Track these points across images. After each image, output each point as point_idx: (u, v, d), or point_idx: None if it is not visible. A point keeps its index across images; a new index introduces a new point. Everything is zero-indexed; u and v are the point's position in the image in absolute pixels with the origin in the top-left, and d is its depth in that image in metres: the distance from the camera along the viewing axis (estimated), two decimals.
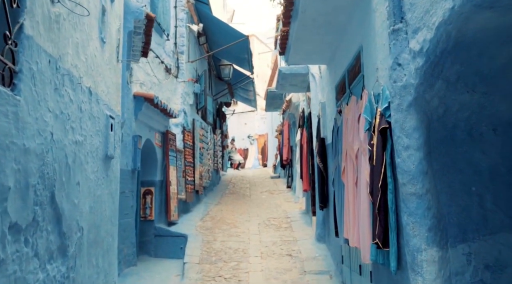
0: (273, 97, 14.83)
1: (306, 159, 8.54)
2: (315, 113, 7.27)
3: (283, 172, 16.86)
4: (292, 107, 10.86)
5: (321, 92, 6.81)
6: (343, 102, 5.06)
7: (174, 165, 8.15)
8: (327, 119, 6.35)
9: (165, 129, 7.99)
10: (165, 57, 8.29)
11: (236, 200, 11.43)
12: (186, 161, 9.03)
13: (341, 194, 4.95)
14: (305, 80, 7.87)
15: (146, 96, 6.54)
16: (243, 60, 12.01)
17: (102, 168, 3.57)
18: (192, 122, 9.80)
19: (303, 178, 8.80)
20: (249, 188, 14.00)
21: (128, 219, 6.30)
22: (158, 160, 7.71)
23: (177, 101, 9.02)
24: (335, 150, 5.21)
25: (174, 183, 8.08)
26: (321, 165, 6.54)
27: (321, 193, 6.57)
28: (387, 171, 3.27)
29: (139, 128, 6.74)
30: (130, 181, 6.32)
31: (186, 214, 8.88)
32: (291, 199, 11.51)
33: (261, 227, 8.40)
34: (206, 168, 11.04)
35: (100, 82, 3.51)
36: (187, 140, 9.20)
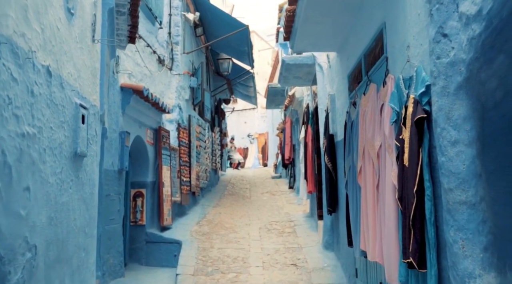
0: (274, 94, 14.18)
1: (311, 158, 7.87)
2: (322, 107, 6.60)
3: (284, 172, 16.19)
4: (295, 103, 10.19)
5: (329, 84, 6.14)
6: (358, 92, 4.39)
7: (167, 165, 7.48)
8: (336, 114, 5.68)
9: (158, 126, 7.32)
10: (157, 47, 7.61)
11: (236, 202, 10.76)
12: (181, 161, 8.36)
13: (356, 198, 4.28)
14: (310, 71, 7.20)
15: (134, 88, 5.86)
16: (243, 53, 11.33)
17: (70, 168, 2.90)
18: (188, 119, 9.13)
19: (308, 179, 8.13)
20: (249, 189, 13.33)
21: (114, 225, 5.63)
22: (150, 159, 7.03)
23: (172, 95, 8.35)
24: (349, 148, 4.54)
25: (167, 184, 7.41)
26: (330, 165, 5.87)
27: (329, 196, 5.90)
28: (424, 172, 2.60)
29: (128, 123, 6.07)
30: (116, 183, 5.66)
31: (181, 217, 8.21)
32: (294, 200, 10.84)
33: (262, 232, 7.74)
34: (203, 168, 10.36)
35: (67, 63, 2.83)
36: (182, 137, 8.52)
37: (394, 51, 3.29)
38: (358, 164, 4.09)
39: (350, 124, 4.50)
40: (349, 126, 4.55)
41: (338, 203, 5.82)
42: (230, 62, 12.17)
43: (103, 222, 5.21)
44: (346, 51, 5.00)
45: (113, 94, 5.54)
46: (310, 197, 8.82)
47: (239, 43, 10.47)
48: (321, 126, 6.64)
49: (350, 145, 4.49)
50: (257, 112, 28.13)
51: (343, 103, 5.28)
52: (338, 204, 5.80)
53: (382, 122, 3.39)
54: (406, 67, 2.96)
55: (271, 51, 32.79)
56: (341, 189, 5.58)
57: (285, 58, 6.87)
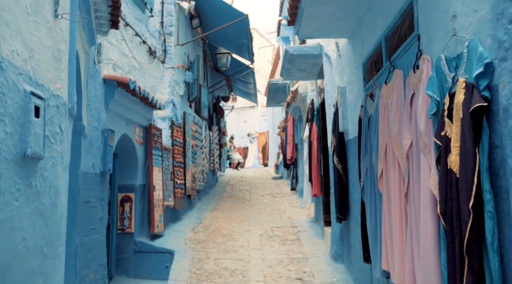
0: (275, 90, 13.51)
1: (317, 158, 7.21)
2: (330, 102, 5.94)
3: (286, 172, 15.53)
4: (298, 99, 9.52)
5: (338, 76, 5.47)
6: (376, 82, 3.73)
7: (159, 166, 6.82)
8: (348, 108, 5.01)
9: (148, 123, 6.65)
10: (148, 37, 6.94)
11: (235, 205, 10.09)
12: (175, 161, 7.69)
13: (375, 207, 3.61)
14: (316, 63, 6.53)
15: (119, 80, 5.20)
16: (242, 47, 10.67)
17: (14, 174, 2.24)
18: (183, 116, 8.46)
19: (313, 181, 7.47)
20: (249, 190, 12.67)
21: (96, 235, 4.96)
22: (139, 160, 6.37)
23: (164, 90, 7.68)
24: (365, 148, 3.88)
25: (159, 187, 6.75)
26: (340, 166, 5.20)
27: (339, 201, 5.23)
28: (483, 181, 1.93)
29: (112, 120, 5.40)
30: (98, 187, 4.99)
31: (175, 223, 7.55)
32: (297, 203, 10.17)
33: (263, 240, 7.07)
34: (200, 169, 9.70)
35: (9, 38, 2.17)
36: (176, 136, 7.86)
37: (430, 25, 2.61)
38: (378, 166, 3.43)
39: (367, 120, 3.83)
40: (365, 122, 3.88)
41: (349, 210, 5.16)
42: (228, 57, 11.49)
43: (82, 232, 4.54)
44: (360, 35, 4.33)
45: (94, 87, 4.88)
46: (315, 200, 8.16)
47: (238, 35, 9.81)
48: (329, 123, 5.98)
49: (367, 144, 3.82)
50: (257, 110, 27.49)
51: (356, 96, 4.61)
52: (349, 211, 5.13)
53: (414, 115, 2.72)
54: (451, 44, 2.30)
55: (271, 48, 32.24)
56: (353, 194, 4.92)
57: (289, 48, 6.20)
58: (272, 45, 31.35)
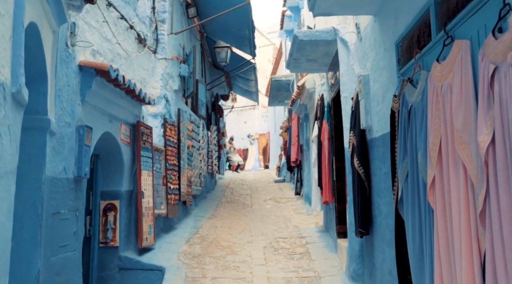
0: (278, 88, 12.70)
1: (328, 160, 6.37)
2: (347, 95, 5.10)
3: (289, 175, 14.68)
4: (305, 96, 8.68)
5: (359, 63, 4.63)
6: (420, 62, 2.89)
7: (149, 169, 5.97)
8: (372, 101, 4.17)
9: (136, 120, 5.80)
10: (137, 22, 6.10)
11: (235, 212, 9.23)
12: (168, 164, 6.84)
13: (422, 226, 2.76)
14: (329, 51, 5.69)
15: (98, 68, 4.35)
16: (243, 39, 9.83)
17: None
18: (177, 113, 7.61)
19: (323, 187, 6.63)
20: (250, 195, 11.81)
21: (68, 253, 4.10)
22: (125, 162, 5.52)
23: (156, 84, 6.84)
24: (404, 147, 3.03)
25: (149, 193, 5.90)
26: (361, 170, 4.36)
27: (360, 212, 4.38)
28: None
29: (91, 115, 4.56)
30: (71, 195, 4.14)
31: (167, 234, 6.69)
32: (302, 210, 9.32)
33: (268, 253, 6.22)
34: (197, 171, 8.84)
35: None
36: (169, 135, 7.01)
37: None
38: (428, 172, 2.58)
39: (406, 112, 2.99)
40: (403, 115, 3.04)
41: (372, 223, 4.31)
42: (228, 51, 10.65)
43: (48, 252, 3.70)
44: (392, 8, 3.49)
45: (67, 74, 4.04)
46: (325, 207, 7.32)
47: (238, 26, 8.98)
48: (345, 120, 5.14)
49: (407, 143, 2.98)
50: (258, 109, 26.67)
51: (384, 85, 3.77)
52: (373, 225, 4.29)
53: (500, 99, 1.88)
54: None
55: (272, 47, 31.54)
56: (378, 205, 4.08)
57: (298, 33, 5.35)
58: (273, 44, 30.68)
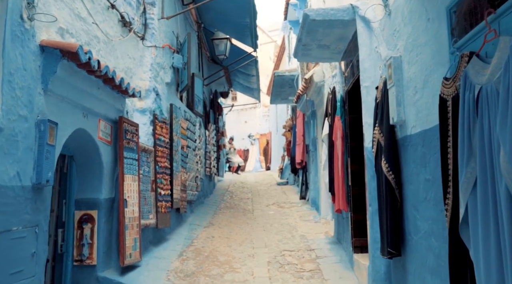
0: (281, 84, 11.85)
1: (342, 162, 5.52)
2: (369, 85, 4.25)
3: (292, 177, 13.83)
4: (312, 90, 7.83)
5: (388, 43, 3.78)
6: (495, 25, 2.05)
7: (134, 173, 5.12)
8: (407, 88, 3.31)
9: (118, 115, 4.95)
10: (121, 2, 5.25)
11: (234, 219, 8.38)
12: (158, 166, 5.99)
13: (502, 258, 1.91)
14: (344, 35, 4.85)
15: (65, 48, 3.50)
16: (244, 29, 8.98)
17: None
18: (170, 109, 6.76)
19: (336, 193, 5.78)
20: (251, 199, 10.96)
21: (23, 281, 3.26)
22: (105, 165, 4.67)
23: (145, 75, 5.99)
24: (469, 147, 2.17)
25: (134, 201, 5.05)
26: (391, 175, 3.50)
27: (390, 228, 3.53)
28: None
29: (57, 108, 3.71)
30: (27, 208, 3.30)
31: (157, 247, 5.84)
32: (309, 216, 8.47)
33: (272, 270, 5.37)
34: (192, 175, 7.99)
35: None
36: (160, 134, 6.16)
37: None
38: None
39: (473, 97, 2.14)
40: (467, 102, 2.19)
41: (405, 241, 3.46)
42: (227, 43, 9.80)
43: None
44: None
45: (22, 55, 3.20)
46: (336, 216, 6.47)
47: (239, 13, 8.13)
48: (367, 115, 4.28)
49: (473, 140, 2.13)
50: (259, 108, 25.80)
51: (427, 65, 2.91)
52: (406, 244, 3.43)
53: None
54: None
55: (273, 45, 30.84)
56: (415, 220, 3.22)
57: (310, 11, 4.49)
58: (274, 42, 30.03)
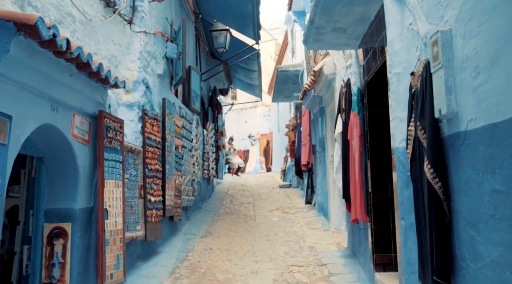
0: (284, 80, 11.11)
1: (360, 166, 4.76)
2: (400, 71, 3.47)
3: (295, 180, 13.07)
4: (321, 85, 7.06)
5: (429, 16, 3.00)
6: None
7: (117, 178, 4.35)
8: (462, 70, 2.53)
9: (98, 109, 4.18)
10: None
11: (235, 226, 7.62)
12: (148, 169, 5.22)
13: None
14: (365, 15, 4.09)
15: (20, 21, 2.74)
16: (246, 19, 8.22)
17: None
18: (162, 104, 5.99)
19: (352, 200, 5.01)
20: (253, 203, 10.20)
21: None
22: (81, 168, 3.90)
23: (133, 65, 5.22)
24: None
25: (117, 211, 4.28)
26: (438, 184, 2.72)
27: (437, 250, 2.75)
28: None
29: (11, 97, 2.94)
30: None
31: (146, 262, 5.07)
32: (317, 223, 7.71)
33: None
34: (188, 178, 7.22)
35: None
36: (150, 132, 5.40)
37: None
38: None
39: None
40: None
41: (455, 268, 2.70)
42: (227, 35, 9.04)
43: None
44: None
45: None
46: (350, 225, 5.71)
47: (239, 1, 7.37)
48: (398, 108, 3.52)
49: None
50: (260, 107, 25.04)
51: (498, 38, 2.13)
52: (458, 272, 2.66)
53: None
54: None
55: (274, 43, 30.33)
56: (472, 241, 2.45)
57: None
58: (275, 40, 29.53)
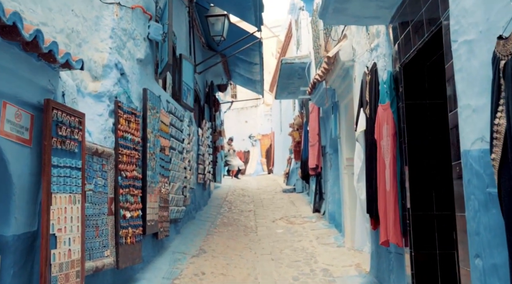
0: (289, 74, 10.03)
1: (394, 173, 3.65)
2: (472, 38, 2.37)
3: (300, 183, 11.96)
4: (336, 74, 5.96)
5: None
6: None
7: (74, 191, 3.24)
8: None
9: (44, 97, 3.07)
10: None
11: (233, 241, 6.51)
12: (121, 177, 4.11)
13: None
14: None
15: None
16: (246, 1, 7.12)
17: None
18: (143, 96, 4.87)
19: (382, 216, 3.90)
20: (254, 211, 9.10)
21: None
22: (15, 179, 2.80)
23: (103, 45, 4.12)
24: None
25: (71, 235, 3.18)
26: None
27: None
28: None
29: None
30: None
31: None
32: (328, 237, 6.61)
33: None
34: (178, 185, 6.11)
35: None
36: (126, 130, 4.29)
37: None
38: None
39: None
40: None
41: None
42: (225, 21, 7.96)
43: None
44: None
45: None
46: (375, 246, 4.61)
47: None
48: (467, 94, 2.42)
49: None
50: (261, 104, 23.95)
51: None
52: None
53: None
54: None
55: (275, 40, 29.48)
56: None
57: None
58: (277, 36, 28.66)
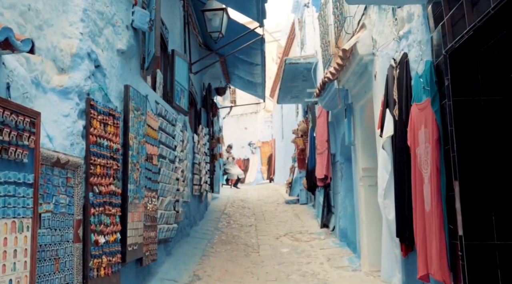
0: (293, 76, 9.26)
1: (437, 188, 2.84)
2: None
3: (303, 193, 11.14)
4: (351, 71, 5.17)
5: None
6: None
7: (20, 214, 2.43)
8: None
9: None
10: None
11: (232, 264, 5.67)
12: (93, 193, 3.30)
13: None
14: None
15: None
16: None
17: None
18: (124, 94, 4.07)
19: (418, 244, 3.08)
20: (255, 226, 8.27)
21: None
22: None
23: (71, 29, 3.33)
24: None
25: (13, 276, 2.36)
26: None
27: None
28: None
29: None
30: None
31: None
32: (341, 258, 5.78)
33: None
34: (168, 199, 5.29)
35: None
36: (101, 135, 3.48)
37: None
38: None
39: None
40: None
41: None
42: (223, 16, 7.20)
43: None
44: None
45: None
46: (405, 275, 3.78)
47: None
48: None
49: None
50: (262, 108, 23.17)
51: None
52: None
53: None
54: None
55: (276, 45, 29.00)
56: None
57: None
58: (277, 41, 28.17)
